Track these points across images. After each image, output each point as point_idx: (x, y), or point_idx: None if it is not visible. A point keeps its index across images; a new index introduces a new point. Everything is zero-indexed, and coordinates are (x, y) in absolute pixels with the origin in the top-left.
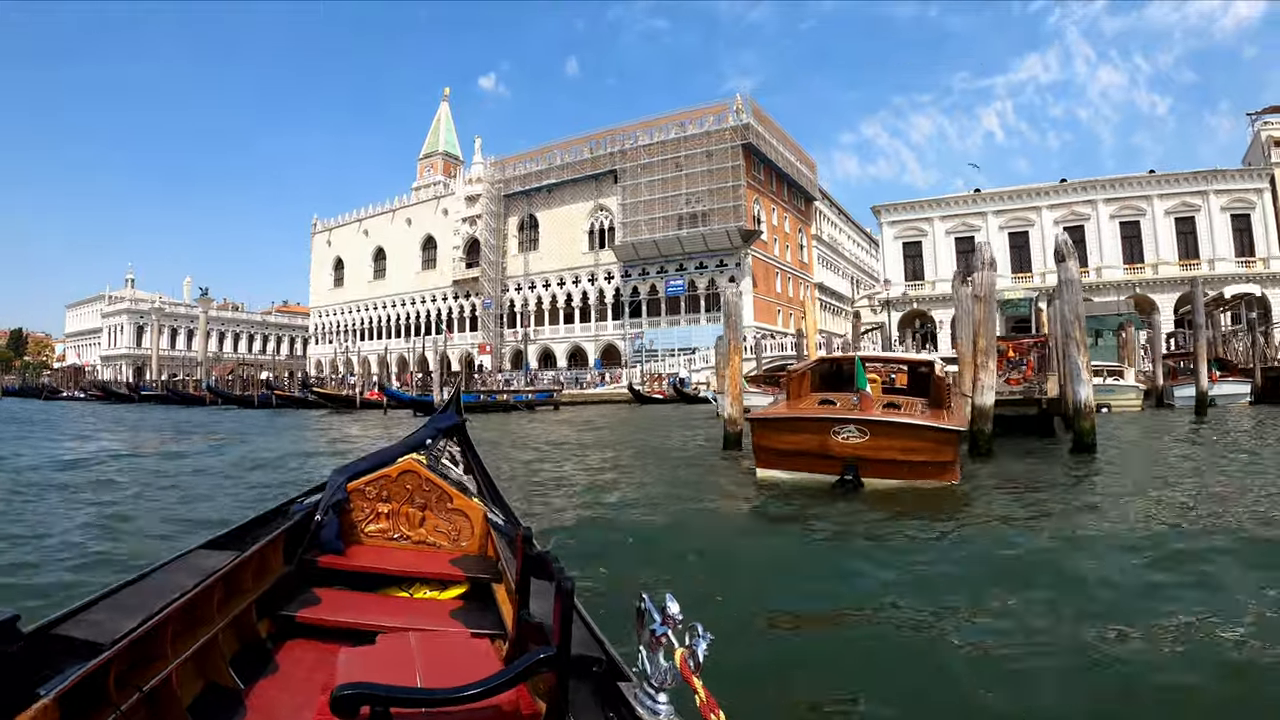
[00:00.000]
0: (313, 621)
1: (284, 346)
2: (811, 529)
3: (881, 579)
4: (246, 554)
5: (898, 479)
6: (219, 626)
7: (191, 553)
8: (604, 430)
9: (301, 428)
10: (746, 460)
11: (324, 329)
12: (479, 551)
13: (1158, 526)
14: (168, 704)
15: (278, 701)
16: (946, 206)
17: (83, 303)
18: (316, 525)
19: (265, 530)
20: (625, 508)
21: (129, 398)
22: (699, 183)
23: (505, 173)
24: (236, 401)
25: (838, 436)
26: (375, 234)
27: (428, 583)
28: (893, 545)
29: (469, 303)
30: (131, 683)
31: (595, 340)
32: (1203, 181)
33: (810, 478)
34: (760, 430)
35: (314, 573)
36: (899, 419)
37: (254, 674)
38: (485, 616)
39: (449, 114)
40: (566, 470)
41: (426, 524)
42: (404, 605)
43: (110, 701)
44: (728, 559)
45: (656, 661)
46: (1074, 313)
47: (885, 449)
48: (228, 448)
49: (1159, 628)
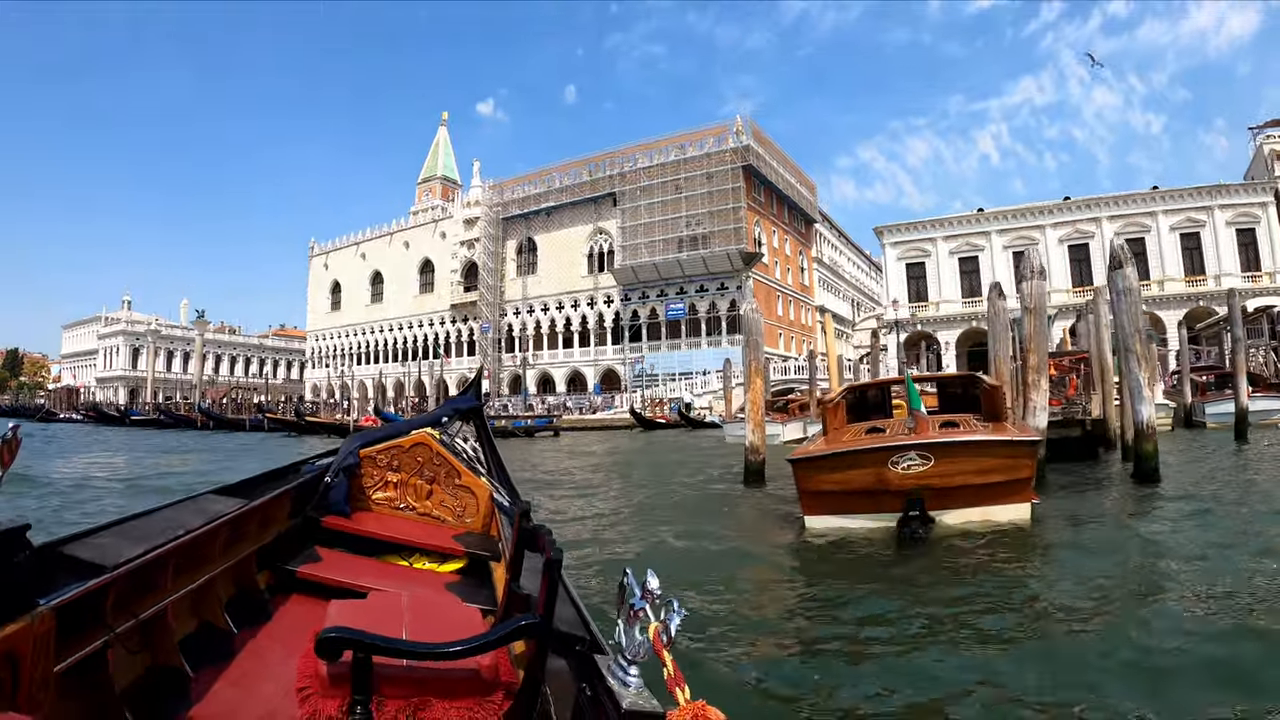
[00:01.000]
0: (311, 578)
1: (281, 370)
2: (885, 613)
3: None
4: (253, 504)
5: (970, 506)
6: (219, 569)
7: (201, 496)
8: (609, 460)
9: (274, 452)
10: (777, 499)
11: (321, 353)
12: (482, 529)
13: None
14: (160, 634)
15: (267, 647)
16: (949, 226)
17: (79, 324)
18: (325, 486)
19: (275, 485)
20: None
21: (120, 420)
22: (699, 205)
23: (503, 196)
24: (229, 425)
25: (896, 467)
26: (373, 257)
27: (428, 554)
28: (1000, 633)
29: (467, 327)
30: (129, 608)
31: (595, 365)
32: (1206, 197)
33: (869, 523)
34: (804, 473)
35: (318, 532)
36: (967, 436)
37: (248, 620)
38: (480, 592)
39: (447, 138)
40: (574, 511)
41: (433, 497)
42: (401, 572)
43: (105, 622)
44: (785, 666)
45: (632, 635)
46: (1133, 324)
47: (954, 474)
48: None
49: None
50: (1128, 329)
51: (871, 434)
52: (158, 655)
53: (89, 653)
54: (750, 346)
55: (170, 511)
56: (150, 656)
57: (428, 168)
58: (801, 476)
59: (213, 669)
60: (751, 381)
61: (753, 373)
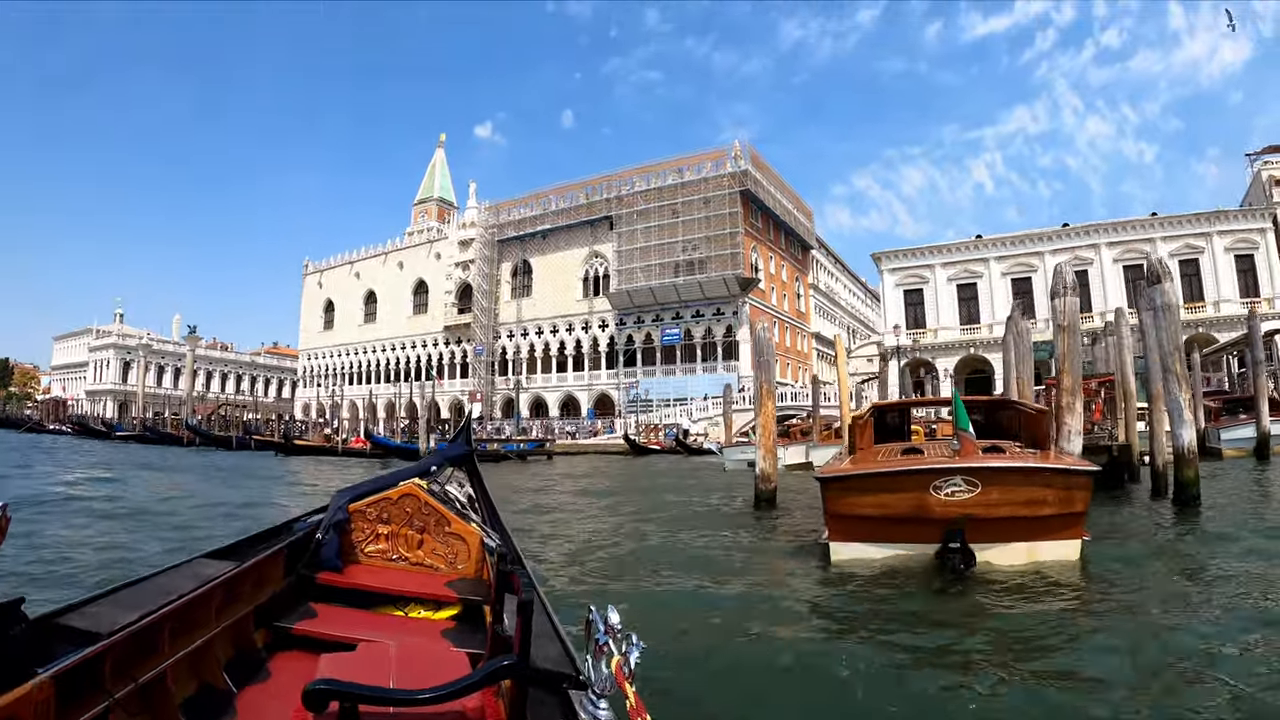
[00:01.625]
0: (307, 634)
1: (272, 388)
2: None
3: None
4: (246, 565)
5: (1015, 541)
6: (215, 630)
7: (193, 561)
8: (606, 485)
9: (255, 474)
10: (794, 528)
11: (312, 371)
12: (475, 575)
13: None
14: (161, 698)
15: (265, 705)
16: (948, 253)
17: (70, 335)
18: (317, 543)
19: (267, 545)
20: (653, 606)
21: (106, 435)
22: (696, 230)
23: (499, 217)
24: (216, 442)
25: (939, 493)
26: (366, 276)
27: (423, 603)
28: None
29: (460, 349)
30: (128, 673)
31: (589, 389)
32: (1205, 223)
33: (901, 553)
34: (835, 494)
35: (312, 588)
36: (1021, 462)
37: (246, 679)
38: (474, 637)
39: (444, 160)
40: (573, 537)
41: (424, 546)
42: (396, 623)
43: (104, 688)
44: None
45: (599, 668)
46: (1172, 342)
47: (1001, 503)
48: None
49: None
50: (1166, 347)
51: (909, 455)
52: (159, 718)
53: (90, 719)
54: (761, 368)
55: (164, 577)
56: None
57: (424, 189)
58: (831, 498)
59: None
60: (763, 405)
61: (764, 395)
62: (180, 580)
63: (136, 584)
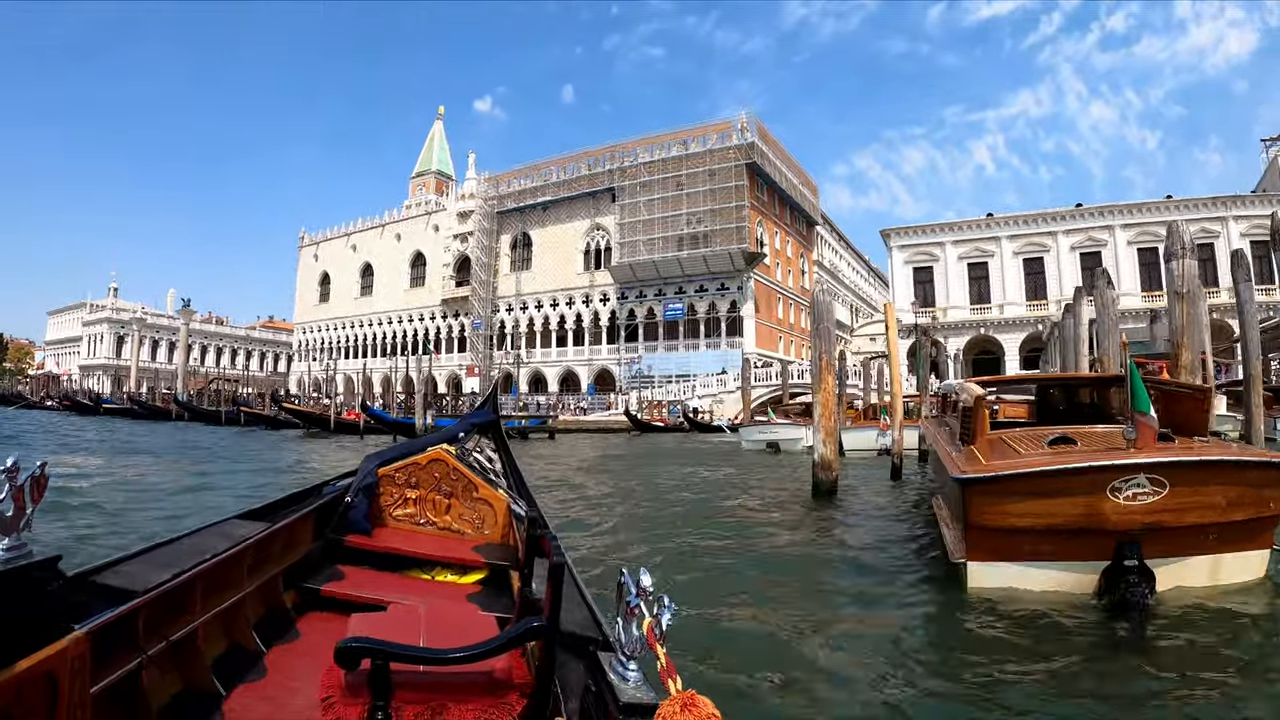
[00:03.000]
0: (335, 595)
1: (268, 363)
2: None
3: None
4: (276, 526)
5: (1196, 554)
6: (246, 590)
7: (225, 521)
8: (621, 464)
9: (241, 453)
10: (882, 534)
11: (308, 345)
12: (501, 540)
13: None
14: (191, 655)
15: (294, 663)
16: (959, 231)
17: (64, 310)
18: (346, 506)
19: (297, 507)
20: (724, 649)
21: (93, 409)
22: (700, 202)
23: (499, 189)
24: (204, 417)
25: (1117, 496)
26: (363, 249)
27: (449, 567)
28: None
29: (458, 322)
30: (160, 631)
31: (589, 364)
32: (1221, 208)
33: (1061, 576)
34: (985, 499)
35: (341, 551)
36: (1224, 455)
37: (275, 638)
38: (499, 600)
39: (443, 133)
40: (600, 533)
41: (452, 511)
42: (424, 586)
43: (138, 645)
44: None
45: (629, 631)
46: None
47: (1190, 508)
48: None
49: None
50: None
51: (1058, 446)
52: (190, 675)
53: (123, 674)
54: (821, 337)
55: (196, 537)
56: (182, 677)
57: (422, 162)
58: (977, 505)
59: (243, 687)
60: (822, 380)
61: (824, 369)
62: (212, 540)
63: (170, 543)
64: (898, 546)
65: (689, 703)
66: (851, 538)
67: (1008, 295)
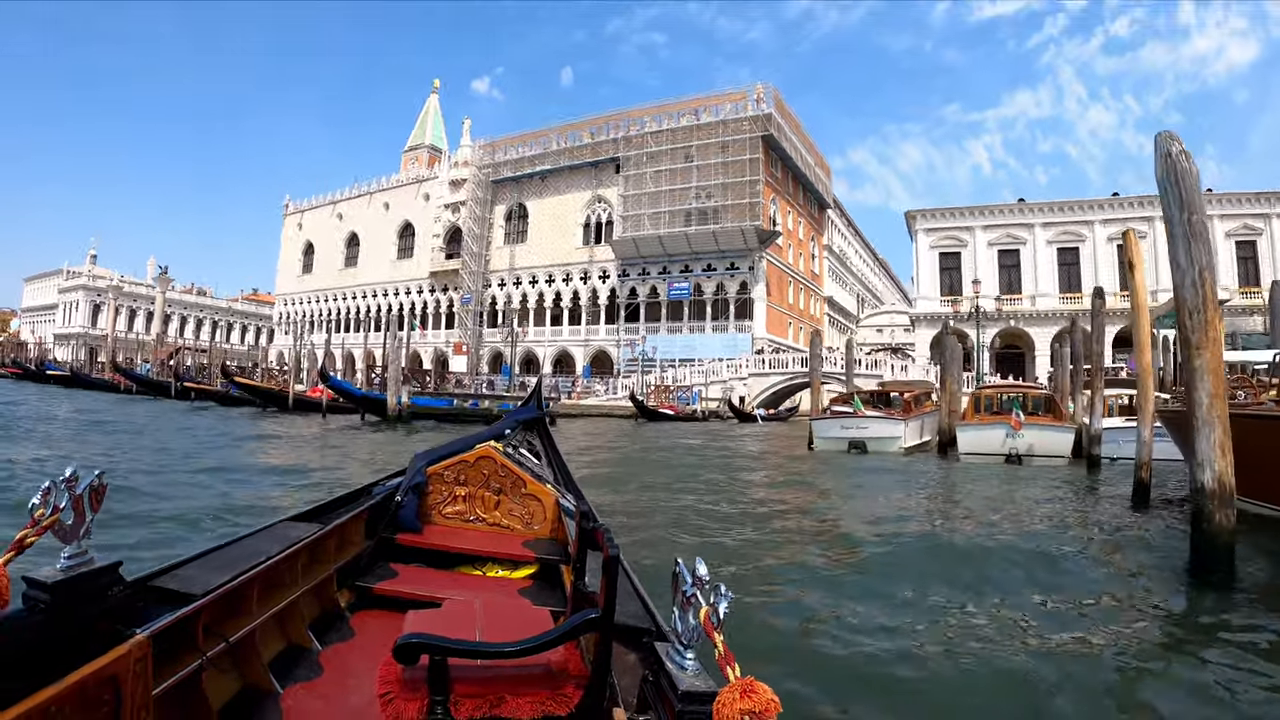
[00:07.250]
0: (388, 593)
1: (249, 336)
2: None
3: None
4: (329, 527)
5: None
6: (300, 591)
7: (278, 524)
8: (670, 473)
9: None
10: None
11: (289, 318)
12: (550, 535)
13: None
14: (249, 656)
15: (350, 661)
16: (989, 215)
17: (41, 276)
18: (396, 505)
19: (348, 508)
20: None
21: (37, 376)
22: (711, 175)
23: (495, 156)
24: (154, 389)
25: None
26: (350, 218)
27: (500, 563)
28: None
29: (446, 297)
30: (218, 632)
31: (585, 345)
32: (1264, 204)
33: None
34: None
35: (393, 549)
36: None
37: (330, 637)
38: (552, 595)
39: (438, 107)
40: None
41: (501, 507)
42: (475, 582)
43: (198, 647)
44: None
45: (686, 620)
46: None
47: None
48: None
49: None
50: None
51: None
52: (248, 675)
53: (184, 676)
54: (1194, 256)
55: (251, 540)
56: (241, 677)
57: (415, 136)
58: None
59: (300, 685)
60: (1201, 351)
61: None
62: (267, 543)
63: (226, 546)
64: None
65: (748, 689)
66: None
67: (1040, 286)
